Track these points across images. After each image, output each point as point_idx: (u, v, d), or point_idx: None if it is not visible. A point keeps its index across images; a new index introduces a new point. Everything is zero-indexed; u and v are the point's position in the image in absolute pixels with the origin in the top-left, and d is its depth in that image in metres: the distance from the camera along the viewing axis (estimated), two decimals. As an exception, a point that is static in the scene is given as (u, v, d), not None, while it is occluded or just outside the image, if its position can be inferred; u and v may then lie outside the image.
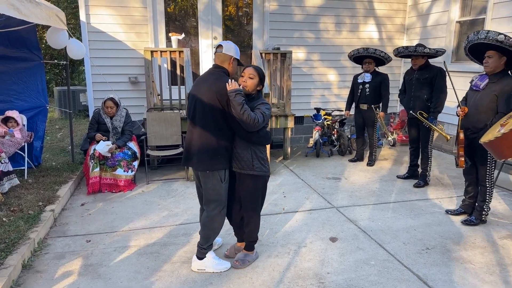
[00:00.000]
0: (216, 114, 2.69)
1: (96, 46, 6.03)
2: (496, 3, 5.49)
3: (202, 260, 2.93)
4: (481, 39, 3.35)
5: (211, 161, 2.72)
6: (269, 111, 2.77)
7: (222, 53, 2.79)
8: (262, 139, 2.80)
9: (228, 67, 2.82)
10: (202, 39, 6.66)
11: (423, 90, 4.69)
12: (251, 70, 2.77)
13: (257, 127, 2.66)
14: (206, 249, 2.92)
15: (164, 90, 6.42)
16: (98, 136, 4.69)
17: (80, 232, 3.58)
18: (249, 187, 2.86)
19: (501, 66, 3.43)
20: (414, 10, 7.15)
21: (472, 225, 3.72)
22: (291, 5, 6.72)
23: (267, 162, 2.90)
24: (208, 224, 2.86)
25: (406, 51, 4.67)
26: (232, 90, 2.61)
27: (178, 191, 4.68)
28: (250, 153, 2.80)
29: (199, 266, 2.93)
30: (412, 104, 4.80)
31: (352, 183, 5.00)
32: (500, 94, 3.39)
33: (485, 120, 3.50)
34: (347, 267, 3.00)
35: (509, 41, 3.21)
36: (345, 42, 7.13)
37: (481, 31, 3.35)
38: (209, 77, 2.77)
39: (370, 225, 3.76)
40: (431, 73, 4.61)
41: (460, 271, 2.95)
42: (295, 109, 7.04)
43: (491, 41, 3.28)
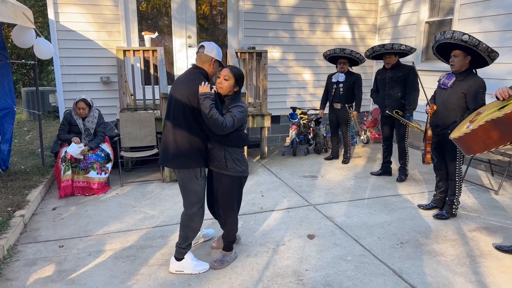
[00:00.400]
0: (188, 115, 2.69)
1: (65, 45, 5.85)
2: (463, 4, 5.69)
3: (181, 261, 2.90)
4: (447, 39, 3.47)
5: (185, 159, 2.73)
6: (242, 114, 2.74)
7: (203, 54, 2.79)
8: (235, 142, 2.80)
9: (208, 69, 2.82)
10: (176, 38, 6.58)
11: (397, 88, 4.82)
12: (226, 71, 2.76)
13: (225, 131, 2.66)
14: (184, 249, 2.89)
15: (138, 90, 6.30)
16: (75, 139, 4.51)
17: (52, 238, 3.46)
18: (224, 186, 2.88)
19: (466, 65, 3.57)
20: (385, 10, 7.32)
21: (443, 219, 3.85)
22: (265, 4, 6.74)
23: (244, 163, 2.90)
24: (187, 223, 2.85)
25: (383, 49, 4.76)
26: (201, 93, 2.62)
27: (154, 193, 4.60)
28: (223, 153, 2.81)
29: (177, 268, 2.90)
30: (386, 102, 4.92)
31: (328, 181, 5.07)
32: (468, 92, 3.52)
33: (454, 117, 3.63)
34: (325, 264, 3.04)
35: (473, 41, 3.35)
36: (319, 42, 7.22)
37: (447, 31, 3.47)
38: (186, 77, 2.77)
39: (346, 221, 3.82)
40: (404, 72, 4.75)
41: (433, 264, 3.04)
42: (272, 108, 7.06)
43: (456, 40, 3.41)
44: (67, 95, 5.96)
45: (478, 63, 3.60)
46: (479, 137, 2.81)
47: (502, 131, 2.63)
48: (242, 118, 2.75)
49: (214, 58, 2.80)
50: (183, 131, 2.71)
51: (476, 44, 3.36)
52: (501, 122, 2.62)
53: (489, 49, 3.37)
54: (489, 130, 2.71)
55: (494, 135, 2.69)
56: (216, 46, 2.83)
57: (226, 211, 2.94)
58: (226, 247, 3.06)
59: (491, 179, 5.16)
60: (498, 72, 5.23)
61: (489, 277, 2.87)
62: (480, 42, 3.34)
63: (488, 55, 3.42)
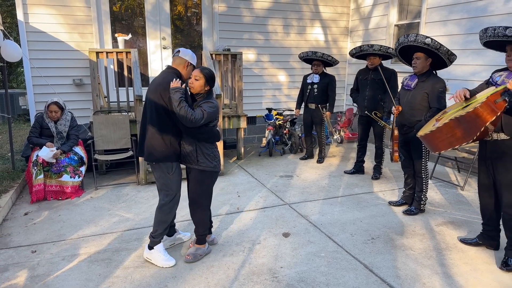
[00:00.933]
0: (160, 111, 2.87)
1: (36, 46, 5.72)
2: (429, 8, 5.93)
3: (151, 250, 3.06)
4: (410, 42, 3.63)
5: (157, 153, 2.92)
6: (212, 109, 2.87)
7: (178, 56, 2.99)
8: (207, 136, 2.95)
9: (182, 70, 3.02)
10: (150, 39, 6.55)
11: (378, 90, 4.96)
12: (196, 71, 2.92)
13: (194, 124, 2.79)
14: (155, 238, 3.05)
15: (111, 92, 6.23)
16: (49, 144, 4.43)
17: (24, 243, 3.39)
18: (195, 180, 3.02)
19: (427, 66, 3.77)
20: (356, 13, 7.52)
21: (412, 214, 4.01)
22: (239, 7, 6.80)
23: (215, 159, 3.04)
24: (158, 212, 3.03)
25: (371, 49, 4.85)
26: (172, 88, 2.79)
27: (129, 196, 4.57)
28: (194, 148, 2.95)
29: (147, 255, 3.09)
30: (366, 103, 5.06)
31: (303, 180, 5.18)
32: (430, 92, 3.70)
33: (418, 116, 3.80)
34: (299, 260, 3.12)
35: (435, 44, 3.53)
36: (294, 44, 7.34)
37: (411, 34, 3.64)
38: (160, 76, 2.96)
39: (320, 219, 3.92)
40: (386, 75, 4.85)
41: (402, 258, 3.18)
42: (248, 109, 7.13)
43: (419, 43, 3.58)
44: (38, 97, 5.82)
45: (438, 65, 3.79)
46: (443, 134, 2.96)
47: (465, 129, 2.78)
48: (213, 113, 2.87)
49: (188, 61, 3.00)
50: (156, 127, 2.89)
51: (438, 47, 3.55)
52: (464, 121, 2.77)
53: (449, 52, 3.57)
54: (453, 128, 2.86)
55: (458, 133, 2.84)
56: (191, 52, 3.04)
57: (195, 205, 3.07)
58: (198, 240, 3.16)
59: (458, 175, 5.39)
60: (462, 73, 5.47)
61: (454, 268, 3.03)
62: (441, 45, 3.53)
63: (448, 58, 3.62)
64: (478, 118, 2.68)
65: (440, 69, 3.84)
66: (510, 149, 2.93)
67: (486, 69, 5.16)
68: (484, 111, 2.66)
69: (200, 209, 3.08)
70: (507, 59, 2.94)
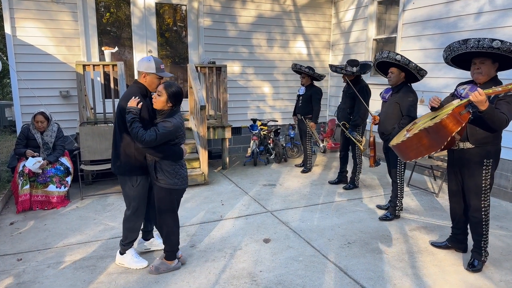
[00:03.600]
0: (121, 126, 2.95)
1: (23, 59, 5.82)
2: (405, 24, 6.23)
3: (122, 255, 3.20)
4: (384, 58, 3.89)
5: (120, 167, 3.02)
6: (167, 130, 2.80)
7: (138, 69, 3.05)
8: (165, 155, 2.89)
9: (143, 81, 3.02)
10: (137, 52, 6.70)
11: (347, 103, 5.19)
12: (160, 87, 2.86)
13: (146, 144, 2.78)
14: (125, 246, 3.19)
15: (98, 103, 6.34)
16: (29, 152, 4.54)
17: (10, 251, 3.46)
18: (156, 196, 3.06)
19: (401, 79, 4.03)
20: (337, 28, 7.80)
21: (387, 220, 4.19)
22: (224, 21, 7.02)
23: (177, 176, 2.97)
24: (124, 223, 3.15)
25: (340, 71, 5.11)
26: (128, 107, 2.85)
27: (114, 205, 4.66)
28: (153, 164, 2.95)
29: (119, 260, 3.23)
30: (340, 114, 5.32)
31: (286, 189, 5.33)
32: (402, 102, 3.95)
33: (392, 125, 4.03)
34: (278, 265, 3.26)
35: (404, 60, 3.80)
36: (277, 57, 7.57)
37: (384, 51, 3.90)
38: (126, 91, 3.03)
39: (300, 225, 4.07)
40: (356, 88, 5.06)
41: (375, 261, 3.34)
42: (233, 120, 7.30)
43: (391, 59, 3.84)
44: (24, 109, 5.90)
45: (412, 78, 4.04)
46: (413, 144, 3.16)
47: (433, 139, 2.98)
48: (167, 133, 2.81)
49: (144, 71, 2.96)
50: (119, 141, 3.00)
51: (407, 63, 3.82)
52: (432, 131, 2.97)
53: (418, 67, 3.84)
54: (422, 138, 3.06)
55: (426, 142, 3.04)
56: (147, 59, 2.94)
57: (160, 220, 3.08)
58: (166, 256, 3.13)
59: (433, 183, 5.62)
60: (436, 85, 5.75)
61: (423, 270, 3.20)
62: (410, 61, 3.82)
63: (417, 72, 3.88)
64: (444, 128, 2.88)
65: (414, 82, 4.09)
66: (475, 156, 3.14)
67: (457, 82, 5.43)
68: (450, 122, 2.87)
69: (164, 226, 3.06)
70: (475, 71, 3.11)
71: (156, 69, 2.97)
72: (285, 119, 7.86)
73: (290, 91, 7.76)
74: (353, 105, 5.13)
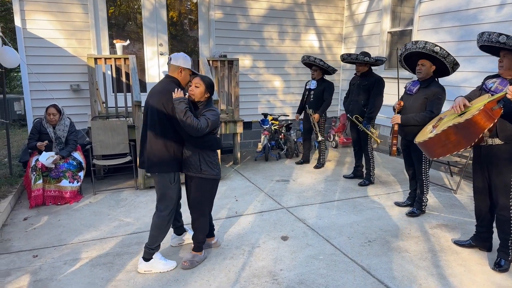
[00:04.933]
0: (164, 121, 2.88)
1: (33, 52, 5.75)
2: (421, 16, 6.08)
3: (149, 261, 3.03)
4: (419, 48, 3.73)
5: (160, 164, 2.91)
6: (215, 117, 2.92)
7: (171, 64, 3.00)
8: (209, 144, 2.97)
9: (178, 77, 3.03)
10: (148, 46, 6.61)
11: (361, 95, 5.07)
12: (197, 79, 2.95)
13: (200, 133, 2.82)
14: (153, 250, 3.03)
15: (109, 97, 6.27)
16: (39, 144, 4.47)
17: (25, 248, 3.41)
18: (198, 189, 3.04)
19: (430, 73, 3.89)
20: (350, 20, 7.66)
21: (414, 216, 4.11)
22: (236, 14, 6.90)
23: (217, 166, 3.07)
24: (158, 224, 2.99)
25: (349, 58, 5.01)
26: (176, 98, 2.81)
27: (128, 201, 4.61)
28: (198, 157, 2.97)
29: (145, 268, 3.02)
30: (351, 108, 5.17)
31: (299, 185, 5.25)
32: (429, 97, 3.83)
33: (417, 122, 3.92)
34: (298, 263, 3.19)
35: (443, 52, 3.64)
36: (289, 50, 7.45)
37: (420, 41, 3.72)
38: (160, 87, 2.96)
39: (318, 222, 4.00)
40: (370, 81, 4.98)
41: (398, 260, 3.26)
42: (244, 114, 7.21)
43: (428, 51, 3.68)
44: (35, 103, 5.84)
45: (440, 72, 3.91)
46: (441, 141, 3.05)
47: (462, 136, 2.87)
48: (216, 121, 2.92)
49: (181, 66, 2.99)
50: (159, 138, 2.89)
51: (445, 56, 3.65)
52: (462, 127, 2.86)
53: (455, 61, 3.70)
54: (451, 135, 2.95)
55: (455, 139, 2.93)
56: (183, 55, 3.02)
57: (197, 213, 3.09)
58: (196, 248, 3.18)
59: (450, 179, 5.51)
60: (454, 80, 5.61)
61: (448, 269, 3.11)
62: (449, 54, 3.65)
63: (452, 67, 3.73)
64: (476, 125, 2.77)
65: (442, 76, 3.95)
66: (504, 153, 3.03)
67: (477, 76, 5.30)
68: (482, 119, 2.76)
69: (202, 217, 3.10)
70: (499, 65, 3.04)
71: (191, 66, 3.07)
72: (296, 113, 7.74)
73: (301, 85, 7.64)
74: (368, 97, 5.02)
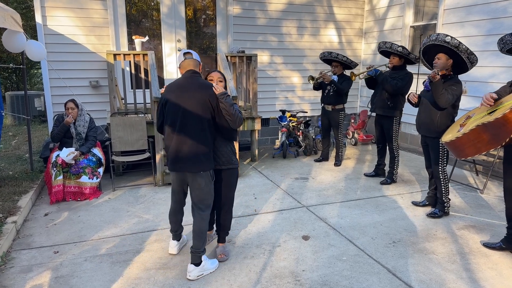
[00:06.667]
0: (206, 118, 2.82)
1: (54, 49, 5.79)
2: (446, 10, 5.87)
3: (200, 265, 2.92)
4: (432, 41, 3.60)
5: (204, 162, 2.85)
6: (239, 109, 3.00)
7: (193, 59, 2.97)
8: (236, 135, 3.07)
9: (200, 72, 3.01)
10: (166, 42, 6.58)
11: None
12: (218, 74, 3.01)
13: (240, 124, 2.91)
14: (203, 252, 2.95)
15: (128, 93, 6.28)
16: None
17: (46, 243, 3.42)
18: (231, 180, 3.11)
19: (448, 67, 3.71)
20: (371, 15, 7.48)
21: (436, 217, 3.96)
22: (254, 9, 6.81)
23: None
24: (202, 225, 2.93)
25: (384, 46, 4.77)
26: (221, 94, 2.81)
27: (147, 197, 4.59)
28: (229, 148, 3.05)
29: (198, 273, 2.89)
30: (375, 100, 4.96)
31: (319, 183, 5.15)
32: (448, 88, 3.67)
33: (434, 117, 3.77)
34: (321, 264, 3.10)
35: (454, 42, 3.49)
36: (307, 45, 7.32)
37: (433, 34, 3.60)
38: (193, 83, 2.85)
39: (340, 222, 3.90)
40: (400, 74, 4.74)
41: (425, 262, 3.14)
42: (261, 111, 7.13)
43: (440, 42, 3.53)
44: (55, 99, 5.89)
45: (460, 68, 3.74)
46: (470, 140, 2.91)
47: (493, 135, 2.73)
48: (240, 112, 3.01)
49: (200, 62, 3.05)
50: (201, 134, 2.81)
51: (457, 45, 3.50)
52: (492, 126, 2.72)
53: (468, 51, 3.51)
54: (480, 134, 2.82)
55: (485, 138, 2.79)
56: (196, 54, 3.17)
57: (229, 203, 3.16)
58: (224, 239, 3.26)
59: (476, 178, 5.32)
60: (480, 75, 5.41)
61: (479, 273, 2.98)
62: (460, 43, 3.49)
63: (467, 57, 3.55)
64: (507, 123, 2.63)
65: (462, 72, 3.79)
66: (536, 152, 2.88)
67: (505, 71, 5.09)
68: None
69: (232, 207, 3.20)
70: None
71: None
72: (314, 110, 7.63)
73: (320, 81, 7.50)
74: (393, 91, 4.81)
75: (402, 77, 4.73)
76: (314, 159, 6.26)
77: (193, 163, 2.80)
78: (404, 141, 6.95)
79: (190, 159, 2.80)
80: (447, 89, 3.64)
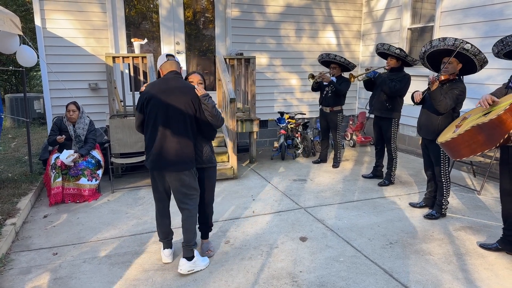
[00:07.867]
0: (190, 118, 2.89)
1: (53, 51, 5.82)
2: (443, 12, 5.91)
3: (192, 260, 2.99)
4: (448, 46, 3.54)
5: (188, 161, 2.90)
6: None
7: (175, 61, 3.01)
8: (215, 135, 3.16)
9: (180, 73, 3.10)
10: (164, 44, 6.61)
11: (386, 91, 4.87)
12: (199, 76, 3.10)
13: (221, 125, 3.01)
14: (194, 245, 3.04)
15: (127, 96, 6.30)
16: (59, 138, 4.51)
17: (45, 245, 3.44)
18: (211, 179, 3.22)
19: (456, 71, 3.70)
20: (369, 17, 7.51)
21: (433, 218, 3.98)
22: (252, 11, 6.85)
23: None
24: (192, 220, 3.00)
25: (382, 48, 4.80)
26: (203, 95, 2.88)
27: (146, 199, 4.61)
28: (209, 148, 3.15)
29: (189, 268, 2.98)
30: (374, 102, 4.99)
31: (317, 184, 5.17)
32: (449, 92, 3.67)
33: (436, 120, 3.79)
34: (318, 265, 3.12)
35: (474, 50, 3.46)
36: (306, 48, 7.36)
37: (448, 38, 3.54)
38: (177, 84, 2.89)
39: (337, 223, 3.92)
40: (398, 76, 4.77)
41: (421, 263, 3.16)
42: (259, 113, 7.16)
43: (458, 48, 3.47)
44: (54, 101, 5.91)
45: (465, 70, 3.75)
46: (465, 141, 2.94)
47: (487, 136, 2.76)
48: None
49: (181, 66, 3.12)
50: (185, 133, 2.87)
51: (476, 54, 3.48)
52: (486, 127, 2.75)
53: (485, 60, 3.51)
54: (475, 135, 2.84)
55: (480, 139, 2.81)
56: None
57: (211, 201, 3.28)
58: (207, 235, 3.38)
59: (473, 180, 5.35)
60: (477, 77, 5.44)
61: (475, 274, 3.00)
62: (480, 52, 3.47)
63: (481, 65, 3.57)
64: (502, 125, 2.65)
65: (468, 74, 3.80)
66: (532, 153, 2.90)
67: (502, 73, 5.12)
68: (508, 118, 2.64)
69: (212, 204, 3.32)
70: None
71: None
72: (313, 112, 7.66)
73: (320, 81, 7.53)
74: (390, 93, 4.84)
75: (401, 79, 4.76)
76: (313, 161, 6.29)
77: (177, 161, 2.85)
78: (402, 142, 6.98)
79: (176, 158, 2.84)
80: (448, 93, 3.65)
